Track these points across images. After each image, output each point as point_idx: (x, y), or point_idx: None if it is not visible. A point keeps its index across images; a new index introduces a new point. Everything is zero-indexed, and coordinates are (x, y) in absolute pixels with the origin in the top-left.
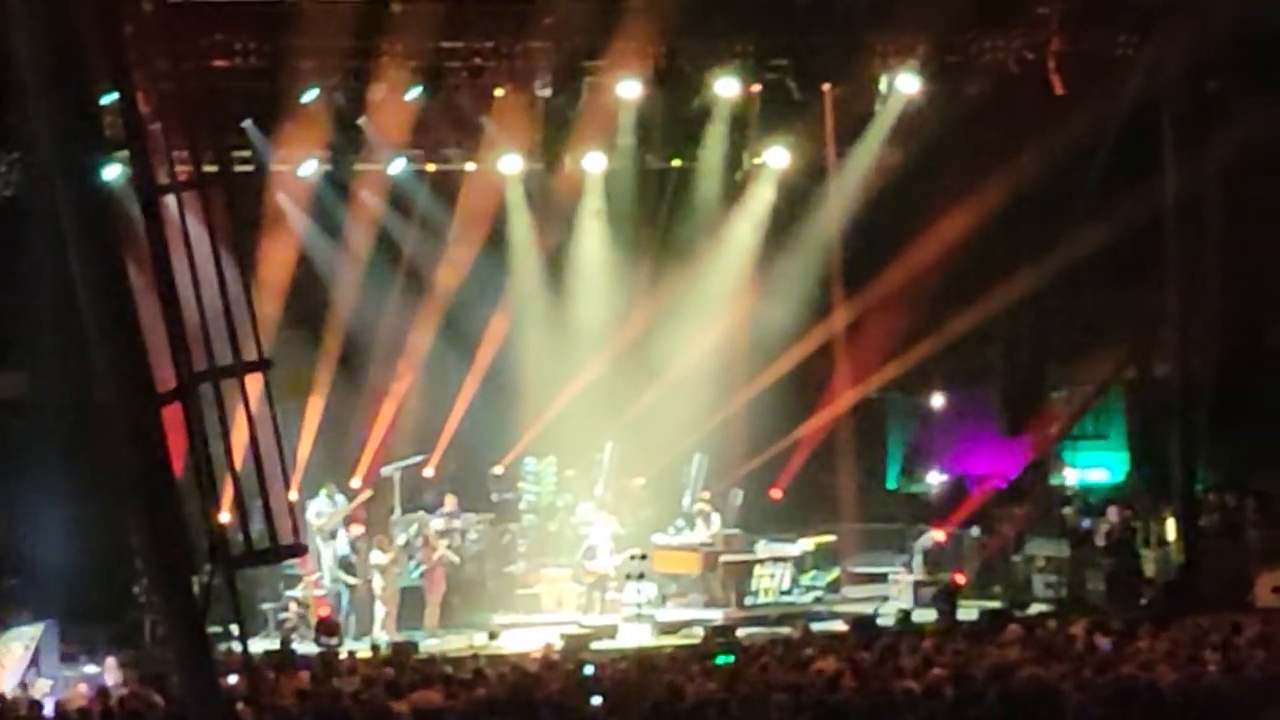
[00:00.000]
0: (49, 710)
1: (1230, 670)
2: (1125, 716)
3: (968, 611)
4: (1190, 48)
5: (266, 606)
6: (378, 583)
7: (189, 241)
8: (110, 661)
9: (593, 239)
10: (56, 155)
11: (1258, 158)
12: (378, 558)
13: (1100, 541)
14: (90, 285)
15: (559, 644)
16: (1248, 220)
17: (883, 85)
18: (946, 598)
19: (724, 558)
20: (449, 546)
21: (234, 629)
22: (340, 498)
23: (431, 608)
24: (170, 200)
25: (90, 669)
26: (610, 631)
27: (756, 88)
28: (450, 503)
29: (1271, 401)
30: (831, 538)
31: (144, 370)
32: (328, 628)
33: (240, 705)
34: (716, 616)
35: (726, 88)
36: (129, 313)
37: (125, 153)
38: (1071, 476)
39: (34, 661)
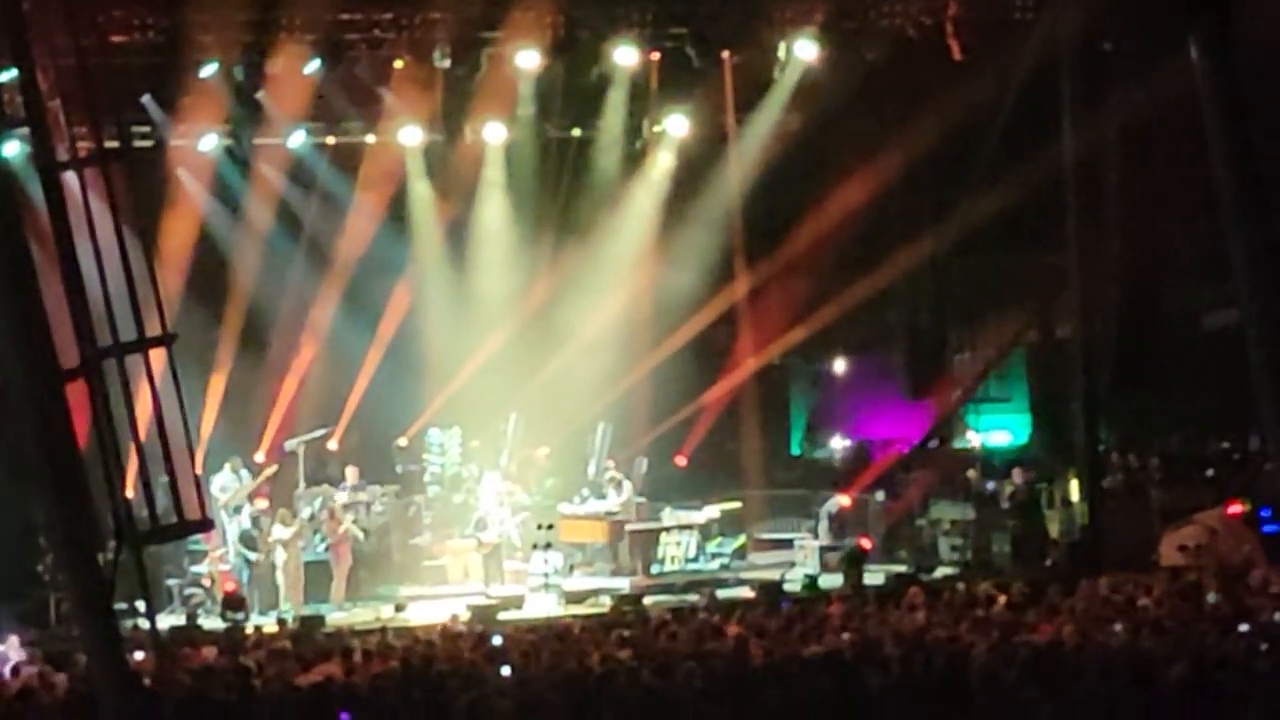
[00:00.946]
0: None
1: (1135, 630)
2: (1032, 678)
3: (874, 576)
4: (1088, 11)
5: (172, 582)
6: (281, 557)
7: (90, 218)
8: (13, 640)
9: (494, 210)
10: None
11: (1156, 121)
12: (280, 532)
13: (1005, 504)
14: None
15: (466, 615)
16: (1146, 183)
17: (781, 52)
18: (852, 563)
19: (630, 526)
20: (354, 520)
21: (140, 605)
22: (245, 472)
23: (337, 581)
24: (71, 177)
25: None
26: (517, 602)
27: (655, 56)
28: (354, 475)
29: (1172, 363)
30: (737, 505)
31: (47, 347)
32: (233, 603)
33: (147, 681)
34: (623, 585)
35: (625, 56)
36: (31, 290)
37: (25, 129)
38: (975, 439)
39: None
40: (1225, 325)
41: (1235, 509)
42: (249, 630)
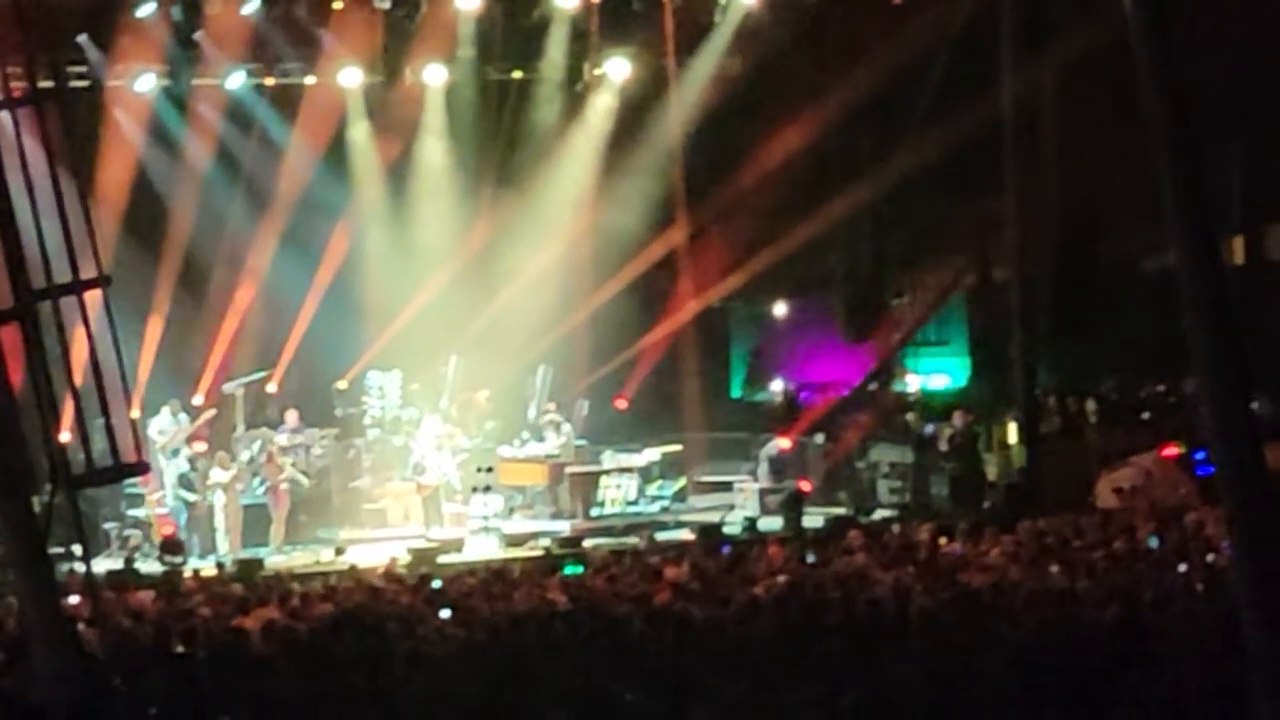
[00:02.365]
0: None
1: (1071, 571)
2: (971, 620)
3: (813, 519)
4: None
5: (109, 526)
6: (219, 500)
7: (25, 159)
8: None
9: (434, 152)
10: None
11: (1093, 67)
12: (218, 475)
13: (943, 446)
14: None
15: (405, 558)
16: (1084, 127)
17: None
18: (792, 505)
19: (570, 469)
20: (293, 463)
21: (76, 549)
22: (183, 415)
23: (277, 524)
24: (5, 117)
25: None
26: (457, 545)
27: None
28: (293, 418)
29: (1108, 306)
30: (677, 447)
31: None
32: (171, 546)
33: (83, 626)
34: (563, 528)
35: None
36: None
37: None
38: (914, 382)
39: None
40: (1162, 269)
41: (1170, 451)
42: (187, 574)
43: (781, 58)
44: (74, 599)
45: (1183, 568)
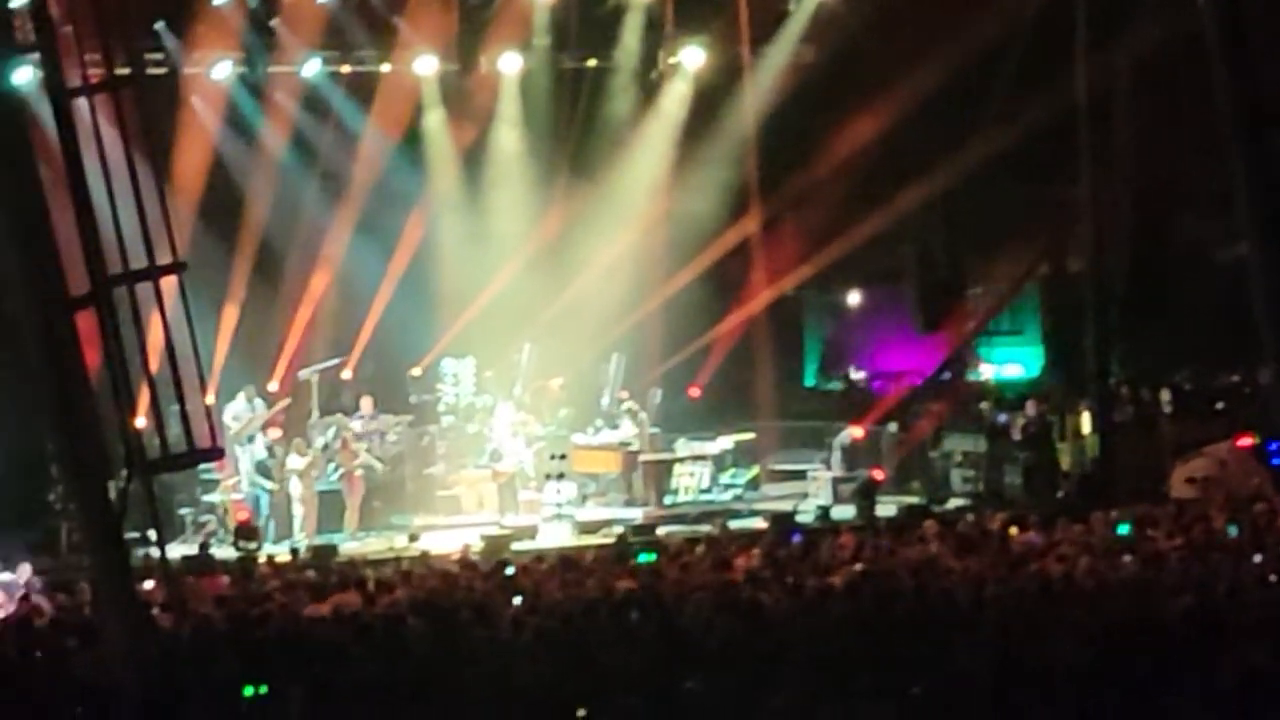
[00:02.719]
0: None
1: (1145, 562)
2: (1043, 610)
3: (886, 508)
4: None
5: (185, 512)
6: (295, 487)
7: (102, 145)
8: (24, 568)
9: (509, 139)
10: None
11: (1169, 54)
12: (295, 462)
13: (1017, 436)
14: (1, 189)
15: (479, 545)
16: (1159, 117)
17: None
18: (865, 494)
19: (643, 457)
20: (368, 450)
21: (151, 534)
22: (259, 401)
23: (350, 511)
24: (82, 103)
25: (4, 576)
26: (530, 532)
27: None
28: (368, 405)
29: (1183, 296)
30: (750, 436)
31: (57, 275)
32: (246, 532)
33: (157, 611)
34: (636, 515)
35: None
36: (41, 217)
37: (37, 55)
38: (988, 372)
39: None
40: (1236, 259)
41: (1245, 442)
42: (261, 560)
43: (856, 46)
44: (148, 584)
45: (1258, 558)
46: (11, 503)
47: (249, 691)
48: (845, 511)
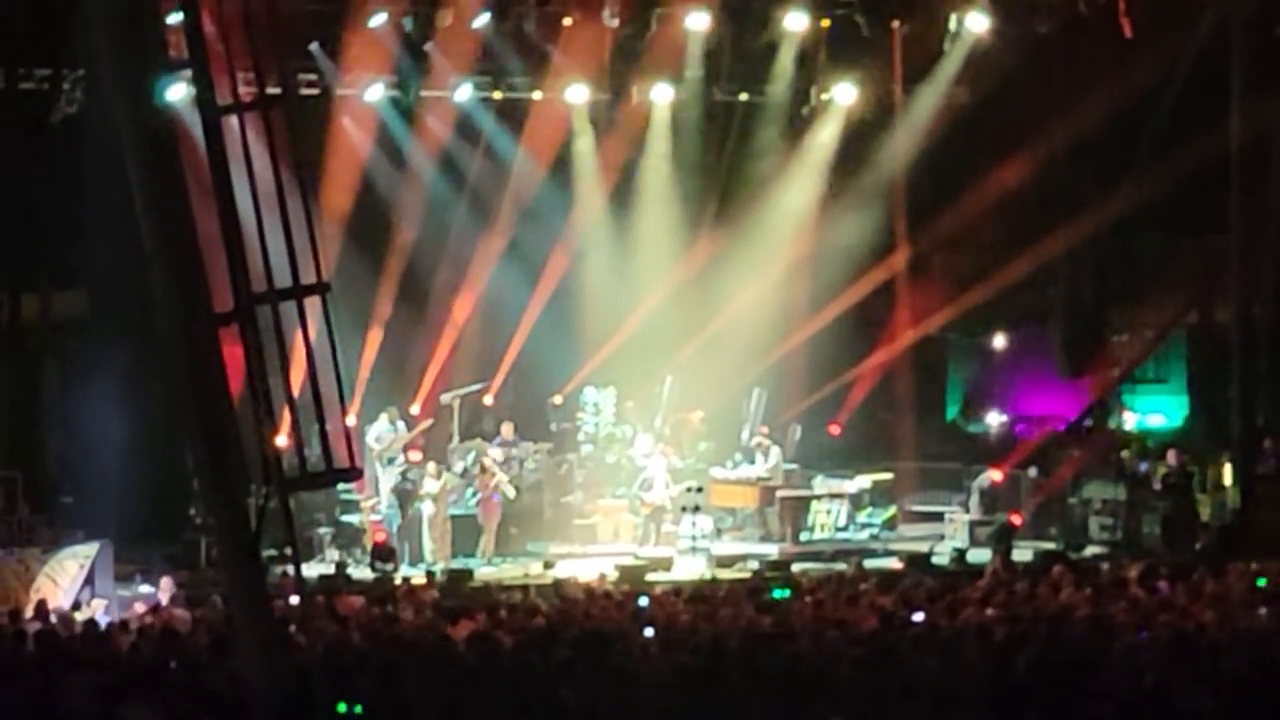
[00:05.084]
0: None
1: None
2: (1178, 661)
3: (1023, 553)
4: None
5: (323, 531)
6: (428, 510)
7: (250, 162)
8: (165, 582)
9: (658, 171)
10: (118, 73)
11: None
12: (429, 485)
13: (1157, 485)
14: (150, 205)
15: (613, 574)
16: None
17: (952, 24)
18: (1002, 538)
19: (781, 493)
20: (507, 476)
21: (288, 552)
22: (401, 424)
23: (487, 536)
24: (232, 121)
25: (144, 589)
26: (665, 564)
27: (825, 23)
28: (508, 431)
29: None
30: (889, 475)
31: (202, 291)
32: (383, 553)
33: (293, 629)
34: (772, 551)
35: (795, 22)
36: (188, 233)
37: (189, 72)
38: (1130, 420)
39: (89, 580)
40: None
41: None
42: (397, 581)
43: (1009, 88)
44: (284, 602)
45: None
46: (153, 516)
47: (342, 708)
48: (981, 555)
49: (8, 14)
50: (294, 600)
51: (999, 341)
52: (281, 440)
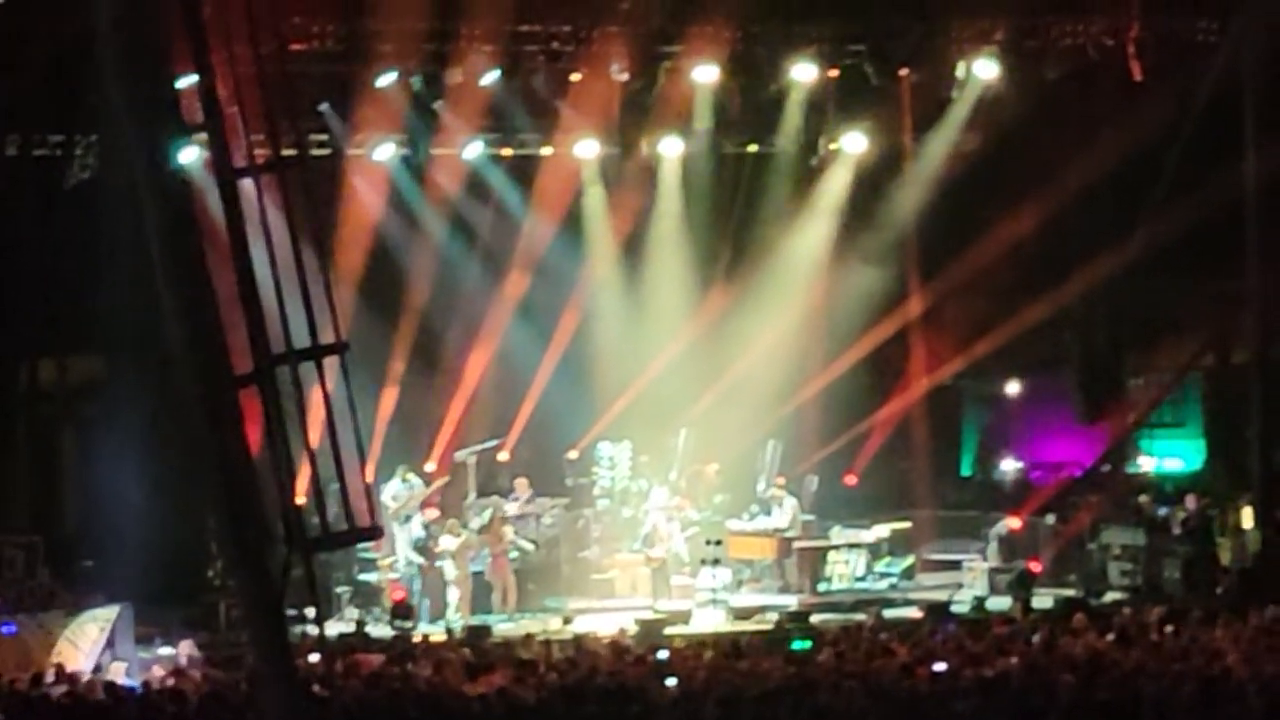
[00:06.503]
0: (132, 687)
1: None
2: (1201, 707)
3: (1042, 600)
4: (1271, 34)
5: (341, 590)
6: (449, 568)
7: (266, 224)
8: (185, 644)
9: (669, 224)
10: (134, 137)
11: None
12: (448, 542)
13: (1176, 530)
14: (168, 268)
15: (633, 629)
16: None
17: (960, 71)
18: (1022, 585)
19: (798, 544)
20: (518, 533)
21: (309, 611)
22: (416, 481)
23: (497, 593)
24: (248, 183)
25: (165, 651)
26: (684, 617)
27: (833, 72)
28: (523, 487)
29: None
30: (906, 524)
31: (221, 353)
32: (402, 611)
33: (315, 687)
34: (790, 602)
35: (803, 72)
36: (206, 296)
37: (203, 135)
38: (1148, 464)
39: (109, 643)
40: None
41: None
42: (416, 639)
43: (1019, 134)
44: (306, 660)
45: None
46: (172, 578)
47: None
48: (1001, 603)
49: (21, 80)
50: (314, 658)
51: (1013, 388)
52: (301, 500)
